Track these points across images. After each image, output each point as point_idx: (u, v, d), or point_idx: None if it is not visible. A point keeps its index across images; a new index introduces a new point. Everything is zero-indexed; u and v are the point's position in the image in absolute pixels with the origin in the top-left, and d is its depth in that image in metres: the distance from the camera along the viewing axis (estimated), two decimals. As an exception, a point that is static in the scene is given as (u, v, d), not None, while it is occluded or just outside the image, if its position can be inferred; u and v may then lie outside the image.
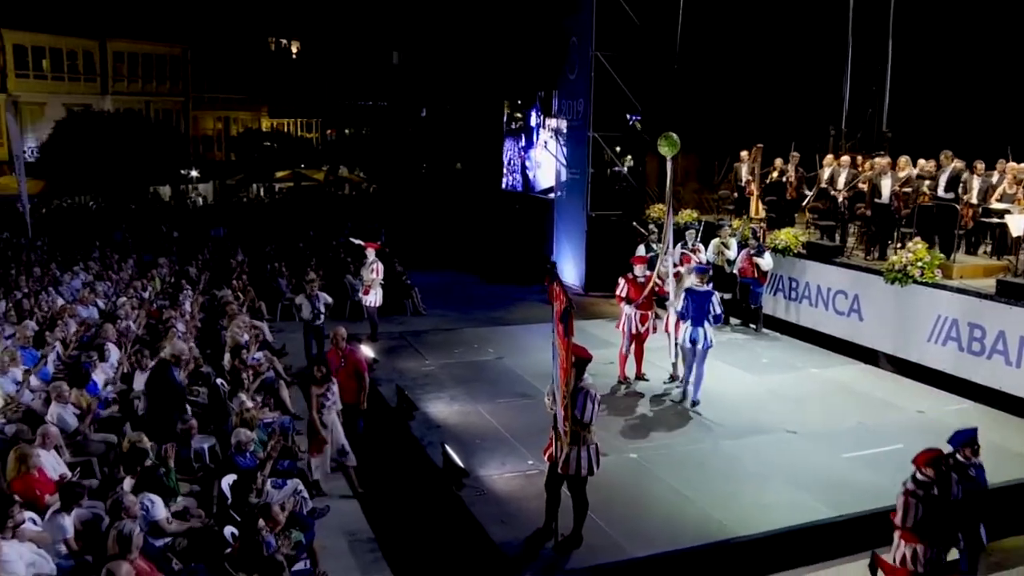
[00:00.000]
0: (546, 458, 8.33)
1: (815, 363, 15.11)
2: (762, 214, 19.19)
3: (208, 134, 53.78)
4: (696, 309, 12.26)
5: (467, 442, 10.82)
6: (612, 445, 10.62)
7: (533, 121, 27.64)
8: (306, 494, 9.27)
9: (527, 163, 28.67)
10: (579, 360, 8.03)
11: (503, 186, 30.83)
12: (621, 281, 13.63)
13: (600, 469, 8.22)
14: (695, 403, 12.47)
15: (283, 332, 18.43)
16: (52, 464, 9.01)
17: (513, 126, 30.14)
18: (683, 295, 12.61)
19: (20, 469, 8.47)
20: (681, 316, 12.70)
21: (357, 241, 19.02)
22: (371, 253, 17.68)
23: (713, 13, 20.95)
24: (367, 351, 14.32)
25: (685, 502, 9.31)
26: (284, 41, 57.81)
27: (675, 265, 13.60)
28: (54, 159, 38.64)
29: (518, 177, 29.56)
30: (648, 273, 13.54)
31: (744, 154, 19.94)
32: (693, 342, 12.27)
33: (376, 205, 44.19)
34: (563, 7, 23.71)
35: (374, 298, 17.50)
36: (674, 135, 13.57)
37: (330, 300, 16.25)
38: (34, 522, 7.70)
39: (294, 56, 58.57)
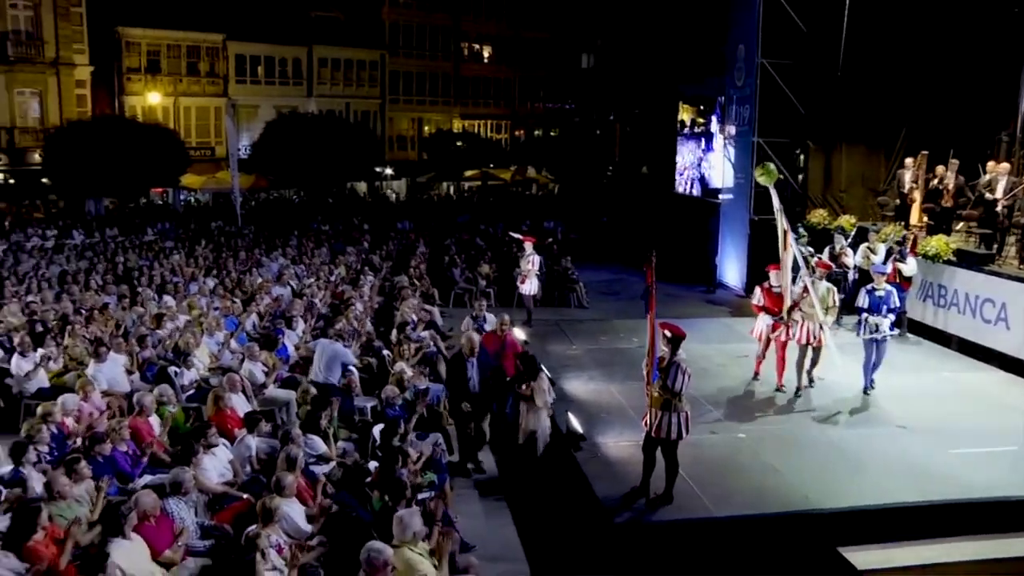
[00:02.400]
0: (643, 424, 9.46)
1: (951, 367, 15.32)
2: (922, 221, 19.21)
3: (403, 134, 56.81)
4: (875, 303, 12.86)
5: (592, 414, 12.12)
6: (724, 425, 11.65)
7: (713, 126, 28.22)
8: (444, 447, 10.83)
9: (703, 166, 29.35)
10: (675, 337, 9.15)
11: (677, 189, 31.63)
12: (757, 290, 13.73)
13: (705, 443, 9.20)
14: (868, 389, 13.26)
15: (452, 318, 20.08)
16: (240, 405, 11.02)
17: (695, 130, 30.84)
18: (862, 293, 13.19)
19: (216, 407, 10.57)
20: (859, 311, 13.17)
21: (516, 235, 20.46)
22: (528, 246, 19.40)
23: (880, 18, 21.02)
24: (519, 334, 15.79)
25: (777, 476, 10.17)
26: (476, 46, 60.19)
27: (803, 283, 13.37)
28: (263, 156, 41.91)
29: (695, 180, 30.22)
30: (789, 286, 13.38)
31: (909, 161, 19.92)
32: (872, 333, 12.91)
33: (558, 205, 45.60)
34: (731, 16, 24.34)
35: (530, 287, 19.02)
36: (772, 165, 13.96)
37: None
38: (225, 447, 9.64)
39: (486, 60, 60.88)
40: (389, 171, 53.85)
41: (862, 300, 13.18)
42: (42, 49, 40.67)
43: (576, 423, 11.28)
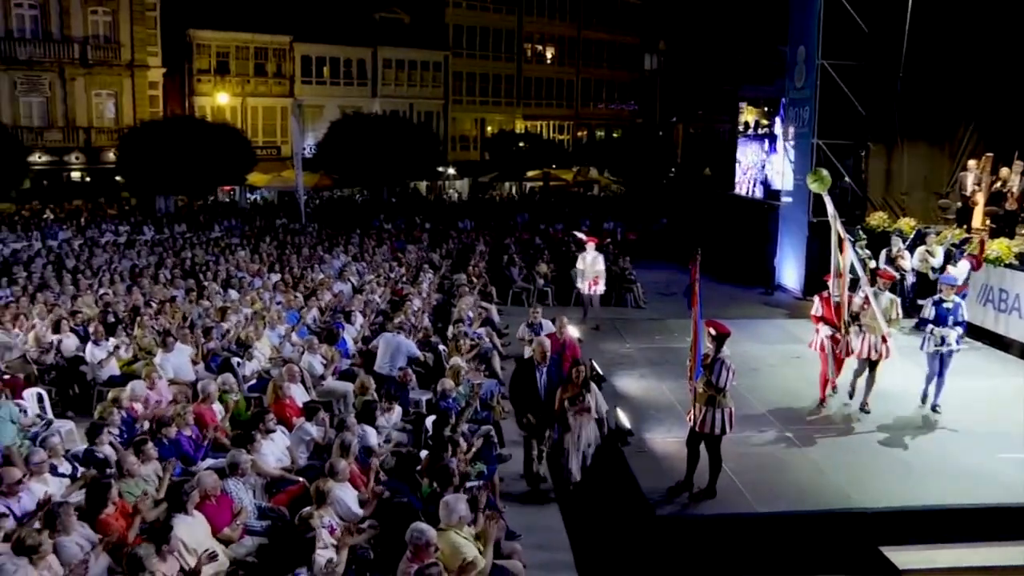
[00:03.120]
0: (688, 419, 9.64)
1: (1008, 372, 15.08)
2: (985, 225, 18.96)
3: (465, 134, 57.31)
4: (943, 315, 12.26)
5: (642, 411, 12.30)
6: (771, 423, 11.75)
7: (777, 128, 28.06)
8: (496, 440, 11.11)
9: (767, 168, 29.22)
10: (719, 335, 9.31)
11: (737, 191, 31.52)
12: (816, 300, 12.94)
13: (751, 441, 9.31)
14: (935, 408, 12.51)
15: (510, 316, 20.37)
16: (299, 395, 11.46)
17: (759, 132, 30.72)
18: (928, 305, 12.57)
19: (275, 396, 11.08)
20: (924, 323, 12.52)
21: (579, 235, 20.61)
22: (591, 247, 19.42)
23: (944, 17, 20.73)
24: (574, 331, 16.01)
25: (822, 475, 10.23)
26: (539, 47, 60.47)
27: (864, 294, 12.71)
28: (328, 156, 42.71)
29: (759, 182, 30.09)
30: (846, 294, 12.67)
31: (972, 163, 19.67)
32: (938, 346, 12.28)
33: (619, 206, 45.66)
34: (791, 18, 24.23)
35: (595, 287, 19.05)
36: (824, 171, 13.60)
37: None
38: (283, 434, 10.10)
39: (549, 61, 61.12)
40: (451, 171, 54.38)
41: (928, 312, 12.57)
42: (119, 52, 42.14)
43: (624, 419, 11.49)
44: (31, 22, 40.28)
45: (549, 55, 61.28)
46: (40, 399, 12.47)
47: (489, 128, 57.03)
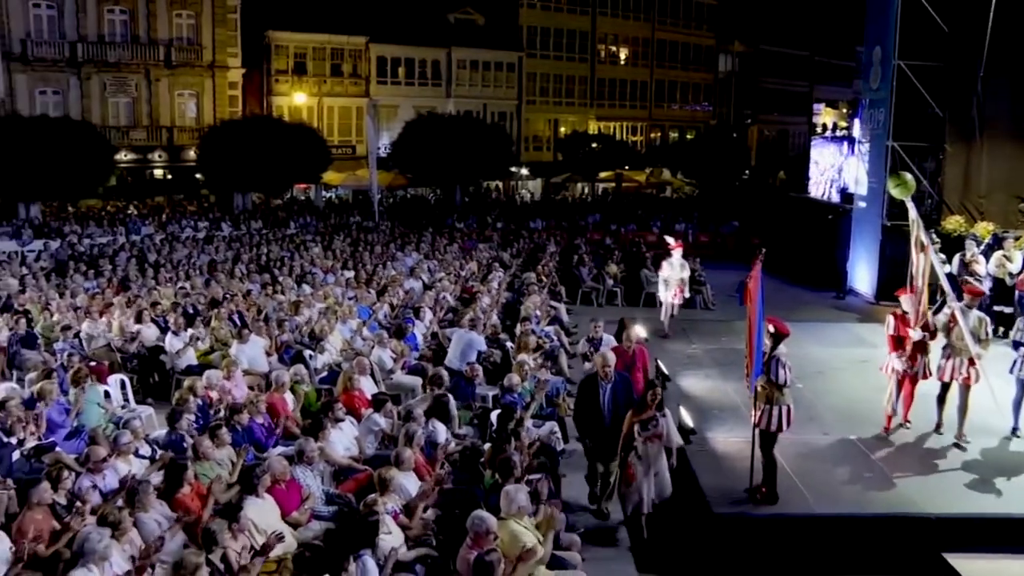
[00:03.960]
0: (751, 418, 9.66)
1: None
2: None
3: (538, 135, 57.48)
4: None
5: (705, 411, 12.32)
6: (835, 427, 11.67)
7: (856, 130, 27.66)
8: (559, 436, 11.29)
9: (843, 170, 28.83)
10: (777, 333, 9.33)
11: (811, 194, 31.15)
12: (890, 319, 11.60)
13: (814, 442, 9.21)
14: (1016, 432, 11.54)
15: (578, 315, 20.49)
16: (368, 387, 11.79)
17: (836, 133, 30.36)
18: (1019, 327, 11.61)
19: (345, 387, 11.42)
20: (1018, 345, 11.44)
21: (669, 239, 20.38)
22: (677, 252, 18.58)
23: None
24: (640, 331, 16.06)
25: (885, 479, 10.13)
26: (613, 47, 60.36)
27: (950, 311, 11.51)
28: (402, 155, 43.31)
29: (835, 184, 29.68)
30: (925, 305, 11.63)
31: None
32: None
33: (691, 207, 45.38)
34: (868, 18, 23.88)
35: (675, 296, 18.61)
36: (908, 176, 12.80)
37: None
38: (352, 424, 10.41)
39: (622, 62, 60.98)
40: (524, 171, 54.58)
41: (1020, 334, 11.50)
42: (200, 54, 43.40)
43: (687, 418, 11.54)
44: (121, 26, 41.75)
45: (623, 56, 61.10)
46: (123, 385, 13.03)
47: (562, 129, 57.02)
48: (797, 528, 9.18)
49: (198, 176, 42.57)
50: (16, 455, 9.54)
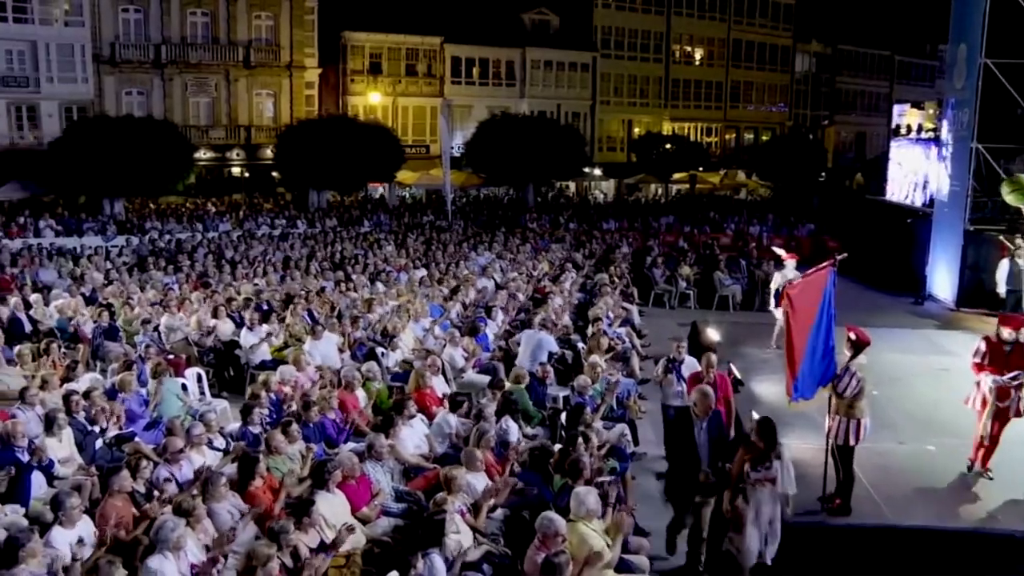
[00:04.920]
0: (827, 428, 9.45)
1: None
2: None
3: (612, 135, 57.19)
4: None
5: (779, 416, 11.94)
6: (913, 436, 11.34)
7: (944, 132, 26.91)
8: (630, 438, 11.20)
9: (927, 173, 28.08)
10: (858, 342, 9.08)
11: (890, 196, 30.44)
12: (980, 343, 10.41)
13: (891, 452, 8.99)
14: None
15: (651, 317, 20.37)
16: (440, 386, 11.87)
17: (921, 135, 29.57)
18: None
19: (417, 385, 11.50)
20: None
21: (779, 251, 19.91)
22: (791, 263, 17.39)
23: None
24: (713, 335, 15.87)
25: (965, 492, 9.81)
26: (688, 48, 59.78)
27: None
28: (476, 155, 43.58)
29: (917, 187, 28.94)
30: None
31: None
32: None
33: (765, 210, 44.74)
34: (953, 16, 23.24)
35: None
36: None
37: None
38: (422, 422, 10.47)
39: (697, 62, 60.36)
40: (597, 172, 54.38)
41: None
42: (278, 54, 44.20)
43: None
44: (202, 28, 42.80)
45: (698, 56, 60.48)
46: (199, 379, 13.31)
47: (636, 129, 56.64)
48: (871, 539, 8.94)
49: (275, 174, 43.33)
50: (99, 443, 9.84)
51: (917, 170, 28.99)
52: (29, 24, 38.17)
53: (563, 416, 11.02)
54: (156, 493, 8.02)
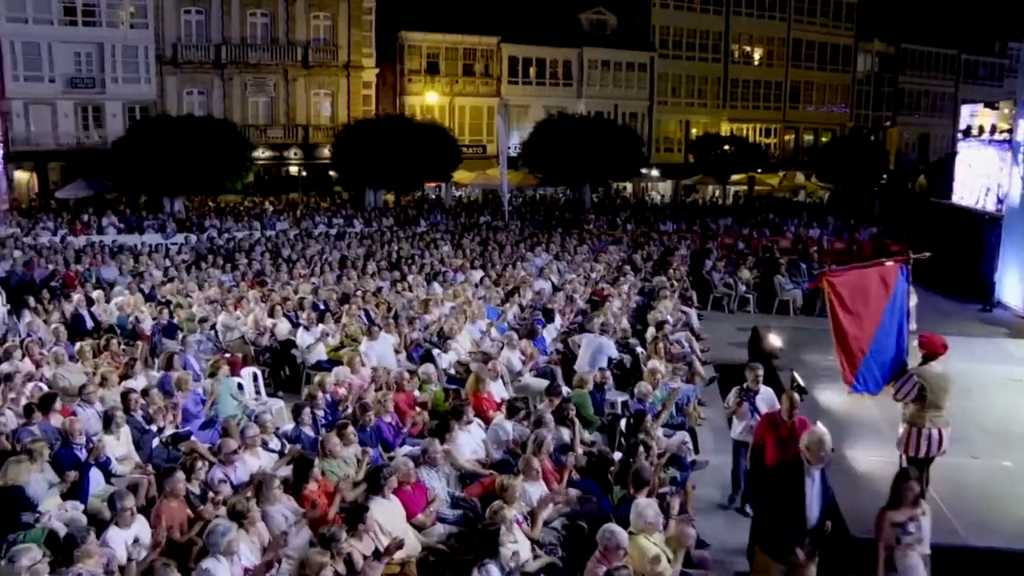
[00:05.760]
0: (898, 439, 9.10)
1: None
2: None
3: (669, 136, 56.68)
4: None
5: (846, 426, 11.67)
6: (987, 451, 10.93)
7: (1020, 133, 26.07)
8: (691, 446, 10.92)
9: (999, 175, 27.24)
10: (931, 353, 8.73)
11: (957, 199, 29.60)
12: None
13: (964, 467, 8.77)
14: None
15: (709, 321, 20.04)
16: (497, 390, 11.72)
17: (994, 136, 28.66)
18: None
19: (475, 389, 11.33)
20: None
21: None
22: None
23: None
24: (775, 341, 15.55)
25: (1048, 511, 9.38)
26: (747, 47, 59.01)
27: None
28: (533, 155, 43.38)
29: (987, 190, 28.08)
30: None
31: None
32: None
33: (826, 212, 44.00)
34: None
35: None
36: None
37: None
38: (479, 427, 10.32)
39: (756, 62, 59.57)
40: (655, 172, 53.93)
41: None
42: (336, 54, 44.53)
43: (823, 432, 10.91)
44: (262, 29, 43.30)
45: (757, 56, 59.64)
46: (255, 378, 13.28)
47: (694, 130, 56.11)
48: (945, 560, 8.52)
49: (332, 173, 43.64)
50: (155, 442, 9.85)
51: (989, 173, 28.10)
52: (96, 27, 38.96)
53: (622, 422, 10.78)
54: (211, 495, 7.97)
